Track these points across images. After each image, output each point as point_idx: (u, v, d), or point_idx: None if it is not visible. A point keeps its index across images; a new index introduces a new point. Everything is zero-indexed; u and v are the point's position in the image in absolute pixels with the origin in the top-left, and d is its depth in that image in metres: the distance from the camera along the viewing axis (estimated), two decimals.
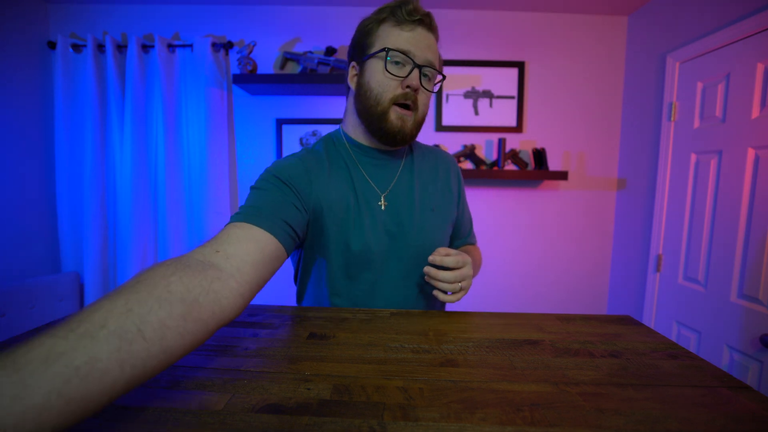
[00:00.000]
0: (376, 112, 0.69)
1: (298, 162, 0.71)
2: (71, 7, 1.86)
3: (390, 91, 0.67)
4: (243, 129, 1.95)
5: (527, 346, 0.55)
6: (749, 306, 1.27)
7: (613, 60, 1.94)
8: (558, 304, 2.04)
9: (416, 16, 0.66)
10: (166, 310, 0.36)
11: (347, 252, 0.72)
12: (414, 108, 0.70)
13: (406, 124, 0.70)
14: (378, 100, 0.68)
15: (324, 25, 1.89)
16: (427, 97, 0.72)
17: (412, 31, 0.66)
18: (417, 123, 0.72)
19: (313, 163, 0.72)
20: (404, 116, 0.69)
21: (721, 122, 1.40)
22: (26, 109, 1.78)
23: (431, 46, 0.68)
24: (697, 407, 0.40)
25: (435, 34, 0.70)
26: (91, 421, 0.36)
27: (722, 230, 1.38)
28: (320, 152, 0.75)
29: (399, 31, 0.66)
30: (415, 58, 0.66)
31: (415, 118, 0.71)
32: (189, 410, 0.38)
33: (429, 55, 0.68)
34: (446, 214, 0.82)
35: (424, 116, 0.73)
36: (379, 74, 0.68)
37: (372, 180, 0.75)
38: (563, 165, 1.97)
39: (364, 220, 0.72)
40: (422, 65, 0.67)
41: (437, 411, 0.39)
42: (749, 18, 1.28)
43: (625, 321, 0.67)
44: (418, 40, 0.66)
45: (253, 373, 0.46)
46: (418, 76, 0.67)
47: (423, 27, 0.67)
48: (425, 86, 0.70)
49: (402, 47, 0.66)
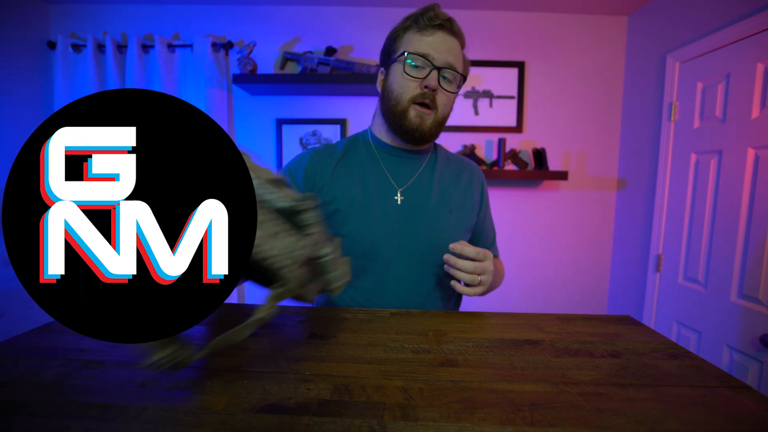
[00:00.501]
0: (397, 110, 0.74)
1: (302, 159, 0.80)
2: (71, 7, 1.86)
3: (409, 92, 0.72)
4: (243, 129, 1.96)
5: (527, 346, 0.55)
6: (749, 306, 1.27)
7: (613, 60, 1.94)
8: (558, 304, 2.04)
9: (436, 21, 0.70)
10: None
11: (351, 241, 0.75)
12: (433, 107, 0.73)
13: (425, 122, 0.74)
14: (398, 100, 0.73)
15: (324, 25, 1.89)
16: (448, 98, 0.75)
17: (433, 35, 0.71)
18: (437, 122, 0.75)
19: (317, 159, 0.79)
20: (423, 114, 0.73)
21: (721, 122, 1.40)
22: (26, 109, 1.78)
23: (452, 50, 0.72)
24: (697, 407, 0.40)
25: (458, 39, 0.74)
26: (91, 421, 0.36)
27: (722, 230, 1.38)
28: (336, 148, 0.82)
29: (420, 37, 0.71)
30: (434, 61, 0.70)
31: (435, 118, 0.74)
32: (189, 410, 0.38)
33: (449, 57, 0.71)
34: (464, 217, 0.82)
35: (444, 116, 0.76)
36: (399, 76, 0.73)
37: (390, 175, 0.79)
38: (563, 165, 1.97)
39: (372, 212, 0.76)
40: (441, 67, 0.71)
41: (437, 411, 0.39)
42: (749, 18, 1.28)
43: (625, 321, 0.67)
44: (437, 43, 0.71)
45: (253, 373, 0.46)
46: (436, 77, 0.71)
47: (444, 31, 0.71)
48: (445, 87, 0.73)
49: (421, 51, 0.70)
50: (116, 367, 0.47)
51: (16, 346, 0.52)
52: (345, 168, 0.79)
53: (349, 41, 1.90)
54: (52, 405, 0.39)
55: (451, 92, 0.74)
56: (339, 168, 0.79)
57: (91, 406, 0.39)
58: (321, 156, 0.80)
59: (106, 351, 0.51)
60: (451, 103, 0.76)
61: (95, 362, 0.48)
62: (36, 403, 0.39)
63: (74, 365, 0.47)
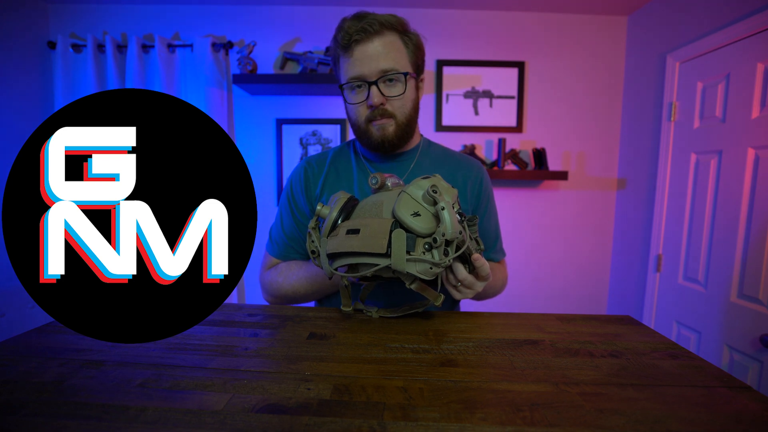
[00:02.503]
0: (360, 133, 0.76)
1: (299, 172, 0.84)
2: (71, 7, 1.86)
3: (361, 115, 0.73)
4: (243, 129, 1.96)
5: (527, 346, 0.55)
6: (749, 306, 1.27)
7: (613, 60, 1.94)
8: (558, 304, 2.04)
9: (349, 39, 0.68)
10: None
11: None
12: (391, 115, 0.72)
13: (387, 131, 0.73)
14: (356, 124, 0.75)
15: (324, 25, 1.89)
16: (402, 100, 0.73)
17: (354, 52, 0.69)
18: (400, 126, 0.74)
19: (310, 169, 0.83)
20: (383, 125, 0.73)
21: (721, 122, 1.40)
22: (26, 109, 1.78)
23: (380, 53, 0.69)
24: (697, 407, 0.40)
25: (388, 32, 0.70)
26: (91, 421, 0.36)
27: (722, 230, 1.38)
28: (327, 156, 0.85)
29: (345, 60, 0.71)
30: (367, 77, 0.69)
31: (397, 122, 0.74)
32: (189, 410, 0.38)
33: (381, 63, 0.69)
34: None
35: (407, 116, 0.75)
36: (348, 105, 0.75)
37: None
38: (563, 165, 1.97)
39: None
40: (376, 79, 0.69)
41: (437, 411, 0.39)
42: (749, 18, 1.28)
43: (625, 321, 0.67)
44: (361, 59, 0.69)
45: (253, 373, 0.46)
46: (376, 92, 0.70)
47: (362, 43, 0.69)
48: (390, 94, 0.71)
49: (350, 74, 0.70)
50: (116, 367, 0.47)
51: (16, 346, 0.52)
52: (335, 176, 0.82)
53: None
54: (52, 405, 0.39)
55: (399, 94, 0.71)
56: (329, 176, 0.81)
57: (91, 406, 0.39)
58: (312, 166, 0.83)
59: (106, 351, 0.51)
60: (410, 101, 0.74)
61: (95, 362, 0.48)
62: (36, 403, 0.39)
63: (74, 365, 0.47)
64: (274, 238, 0.84)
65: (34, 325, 0.61)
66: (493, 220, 0.89)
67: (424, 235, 0.50)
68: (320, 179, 0.81)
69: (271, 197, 1.98)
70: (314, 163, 0.84)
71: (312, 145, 1.94)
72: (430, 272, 0.51)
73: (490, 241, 0.88)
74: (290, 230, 0.82)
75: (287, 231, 0.83)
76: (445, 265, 0.51)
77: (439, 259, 0.50)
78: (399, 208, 0.51)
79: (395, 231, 0.51)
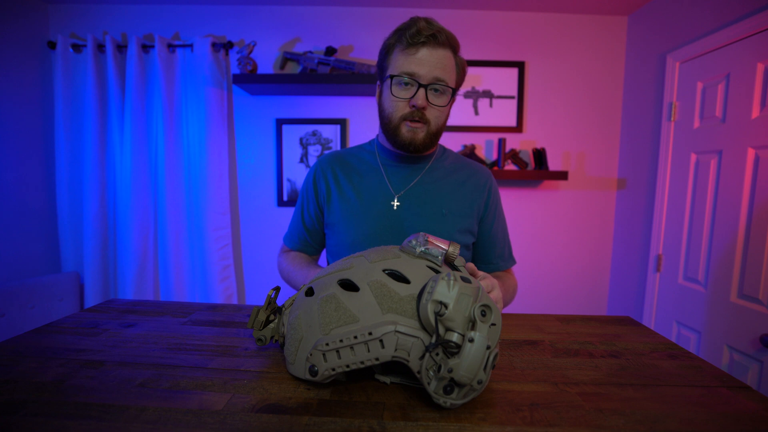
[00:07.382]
0: (390, 127, 0.77)
1: (313, 172, 0.88)
2: (71, 7, 1.86)
3: (399, 111, 0.74)
4: (243, 129, 1.95)
5: (527, 346, 0.55)
6: (749, 306, 1.27)
7: (613, 60, 1.94)
8: (558, 304, 2.04)
9: (419, 38, 0.70)
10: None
11: (346, 237, 0.81)
12: (425, 121, 0.74)
13: (417, 135, 0.75)
14: (390, 118, 0.76)
15: (324, 25, 1.89)
16: (440, 111, 0.75)
17: (417, 52, 0.71)
18: (431, 134, 0.76)
19: (320, 169, 0.87)
20: (415, 129, 0.75)
21: (721, 122, 1.40)
22: (26, 109, 1.78)
23: (439, 63, 0.71)
24: (697, 407, 0.40)
25: (448, 47, 0.73)
26: (91, 421, 0.36)
27: (722, 230, 1.38)
28: (340, 155, 0.89)
29: (405, 55, 0.71)
30: (420, 79, 0.71)
31: (429, 130, 0.76)
32: (189, 410, 0.38)
33: (436, 72, 0.71)
34: (460, 220, 0.82)
35: (439, 127, 0.77)
36: (388, 96, 0.75)
37: (390, 181, 0.83)
38: (563, 165, 1.97)
39: (369, 217, 0.80)
40: (428, 84, 0.71)
41: (437, 411, 0.39)
42: (749, 18, 1.28)
43: (625, 321, 0.67)
44: (422, 60, 0.71)
45: (253, 373, 0.46)
46: (423, 95, 0.71)
47: (429, 46, 0.71)
48: (434, 102, 0.73)
49: (406, 70, 0.71)
50: (116, 367, 0.47)
51: (16, 346, 0.52)
52: (346, 176, 0.85)
53: (349, 41, 1.90)
54: (52, 405, 0.39)
55: (441, 106, 0.74)
56: (341, 176, 0.85)
57: (91, 406, 0.39)
58: (324, 165, 0.87)
59: (106, 351, 0.51)
60: (445, 114, 0.77)
61: (95, 362, 0.48)
62: (36, 403, 0.39)
63: (74, 365, 0.47)
64: (289, 228, 0.94)
65: (34, 325, 0.61)
66: (502, 227, 0.91)
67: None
68: (331, 177, 0.85)
69: (271, 197, 1.98)
70: (326, 162, 0.87)
71: (312, 145, 1.94)
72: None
73: (498, 248, 0.89)
74: (297, 225, 0.91)
75: (295, 224, 0.91)
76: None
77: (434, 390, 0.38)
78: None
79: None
